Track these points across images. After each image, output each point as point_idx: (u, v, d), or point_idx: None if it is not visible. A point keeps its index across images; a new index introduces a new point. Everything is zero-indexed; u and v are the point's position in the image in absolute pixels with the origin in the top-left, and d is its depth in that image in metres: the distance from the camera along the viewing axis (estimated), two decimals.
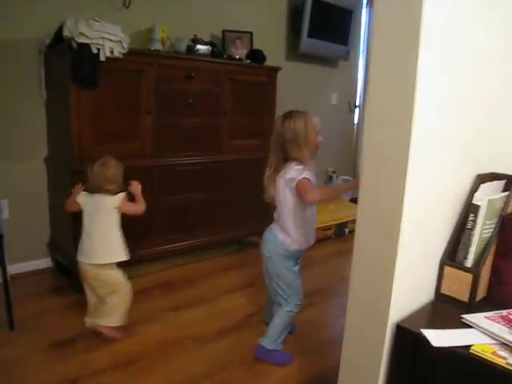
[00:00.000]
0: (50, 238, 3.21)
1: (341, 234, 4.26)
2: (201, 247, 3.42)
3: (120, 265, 2.31)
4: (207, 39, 3.51)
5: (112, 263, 2.28)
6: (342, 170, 5.09)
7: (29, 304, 2.61)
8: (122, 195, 2.28)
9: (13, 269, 2.41)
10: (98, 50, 2.55)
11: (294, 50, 4.38)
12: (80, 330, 2.32)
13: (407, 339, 1.23)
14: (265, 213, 3.72)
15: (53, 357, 2.16)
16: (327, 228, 4.13)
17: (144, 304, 2.69)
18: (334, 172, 5.05)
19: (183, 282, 3.04)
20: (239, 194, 3.56)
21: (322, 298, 2.88)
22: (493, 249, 1.36)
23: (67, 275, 2.93)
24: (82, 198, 2.28)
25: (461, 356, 1.11)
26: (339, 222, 4.23)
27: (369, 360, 1.33)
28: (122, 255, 2.29)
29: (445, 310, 1.36)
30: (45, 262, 3.19)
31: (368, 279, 1.33)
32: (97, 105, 2.66)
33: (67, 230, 2.77)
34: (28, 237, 3.06)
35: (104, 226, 2.25)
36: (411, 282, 1.31)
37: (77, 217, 2.35)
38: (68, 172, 2.66)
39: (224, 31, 3.66)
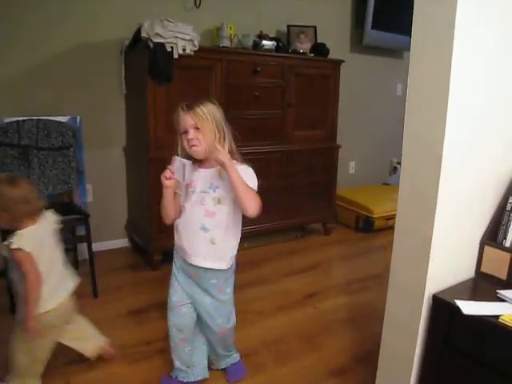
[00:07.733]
0: (128, 220, 3.52)
1: None
2: (265, 232, 3.58)
3: None
4: (272, 34, 3.65)
5: None
6: None
7: (109, 277, 2.91)
8: None
9: (95, 247, 2.71)
10: (172, 48, 2.79)
11: (358, 43, 4.42)
12: (153, 301, 2.57)
13: (442, 308, 1.34)
14: (327, 202, 3.88)
15: (130, 322, 2.43)
16: (390, 217, 4.15)
17: None
18: (398, 163, 5.06)
19: (248, 264, 3.22)
20: (302, 182, 3.68)
21: (376, 283, 2.95)
22: None
23: (142, 253, 3.23)
24: None
25: (489, 323, 1.21)
26: None
27: (408, 327, 1.45)
28: None
29: (483, 286, 1.46)
30: (122, 242, 3.52)
31: (408, 255, 1.44)
32: (170, 98, 2.89)
33: (144, 212, 3.05)
34: (108, 218, 3.38)
35: None
36: (449, 258, 1.41)
37: (153, 201, 2.60)
38: (145, 159, 2.93)
39: (288, 26, 3.78)
